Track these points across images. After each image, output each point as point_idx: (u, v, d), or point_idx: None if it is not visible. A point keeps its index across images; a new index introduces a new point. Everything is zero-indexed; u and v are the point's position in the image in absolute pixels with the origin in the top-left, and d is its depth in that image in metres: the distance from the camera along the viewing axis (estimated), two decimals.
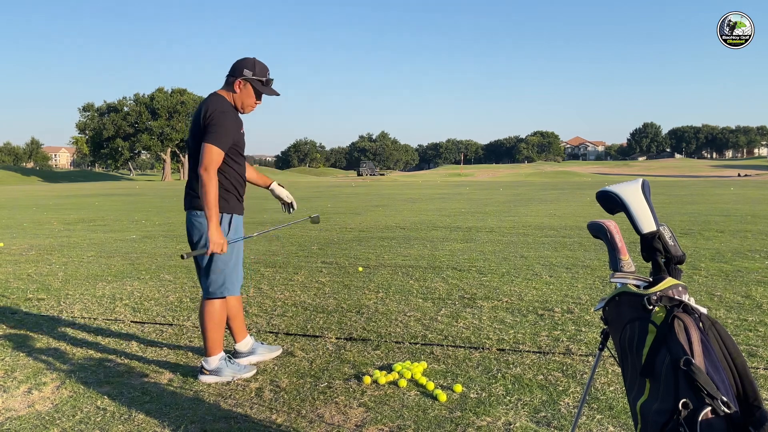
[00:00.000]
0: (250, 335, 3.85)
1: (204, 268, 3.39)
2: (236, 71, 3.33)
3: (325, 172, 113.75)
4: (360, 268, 6.92)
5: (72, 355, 3.90)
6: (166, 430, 2.79)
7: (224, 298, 3.45)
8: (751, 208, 15.48)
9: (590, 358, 3.66)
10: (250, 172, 3.69)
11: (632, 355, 1.64)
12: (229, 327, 3.67)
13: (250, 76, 3.32)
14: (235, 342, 3.73)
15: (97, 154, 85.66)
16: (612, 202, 1.81)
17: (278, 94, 3.47)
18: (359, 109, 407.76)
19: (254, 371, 3.51)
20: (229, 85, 3.36)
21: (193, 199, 3.34)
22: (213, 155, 3.17)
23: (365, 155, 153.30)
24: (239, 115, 3.42)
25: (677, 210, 15.55)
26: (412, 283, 6.07)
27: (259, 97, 3.41)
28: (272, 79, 3.43)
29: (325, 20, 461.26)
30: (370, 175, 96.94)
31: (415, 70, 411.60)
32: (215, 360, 3.42)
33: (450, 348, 3.92)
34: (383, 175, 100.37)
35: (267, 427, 2.81)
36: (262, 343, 3.88)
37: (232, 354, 3.70)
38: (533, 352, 3.81)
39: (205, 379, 3.39)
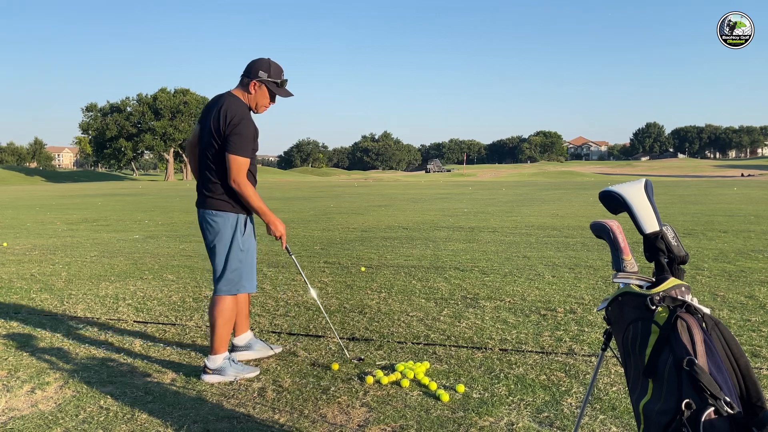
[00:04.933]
0: (251, 331, 3.86)
1: (221, 267, 3.40)
2: (251, 72, 3.35)
3: (328, 172, 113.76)
4: (362, 268, 6.92)
5: (75, 354, 3.91)
6: (169, 429, 2.79)
7: (236, 295, 3.47)
8: (755, 208, 15.44)
9: (593, 359, 3.65)
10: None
11: (635, 356, 1.63)
12: None
13: (266, 77, 3.34)
14: (234, 336, 3.74)
15: (100, 154, 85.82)
16: (615, 202, 1.80)
17: (292, 95, 3.50)
18: (362, 109, 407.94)
19: (257, 372, 3.51)
20: (244, 85, 3.38)
21: (206, 198, 3.37)
22: (239, 164, 3.26)
23: (368, 155, 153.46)
24: (253, 115, 3.45)
25: (680, 210, 15.51)
26: (415, 283, 6.07)
27: (273, 99, 3.44)
28: (286, 80, 3.45)
29: (328, 20, 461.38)
30: (437, 171, 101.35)
31: (418, 70, 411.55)
32: (220, 359, 3.42)
33: (452, 348, 3.91)
34: (449, 171, 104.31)
35: (269, 427, 2.81)
36: (261, 340, 3.88)
37: (230, 349, 3.71)
38: (536, 352, 3.80)
39: (208, 378, 3.39)
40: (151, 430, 2.80)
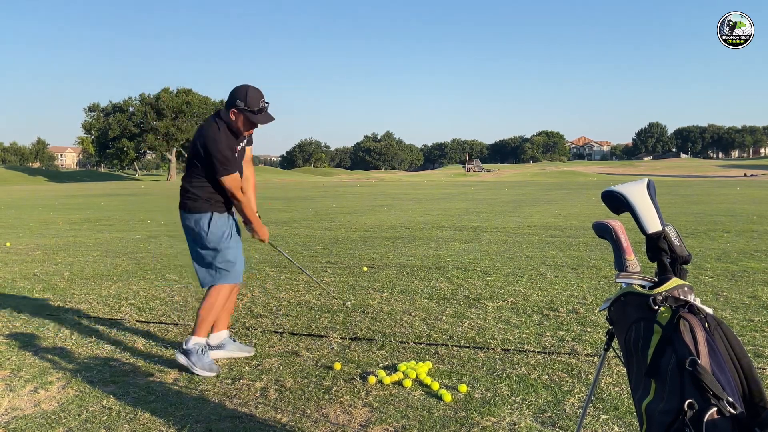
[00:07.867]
0: (229, 332, 3.88)
1: (206, 261, 3.64)
2: (230, 101, 3.48)
3: (330, 172, 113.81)
4: (365, 268, 6.92)
5: (78, 354, 3.91)
6: (172, 429, 2.80)
7: (232, 285, 3.62)
8: (757, 208, 15.42)
9: (595, 359, 3.65)
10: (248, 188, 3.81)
11: (637, 356, 1.63)
12: None
13: (243, 107, 3.44)
14: (211, 332, 3.76)
15: (102, 154, 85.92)
16: (617, 202, 1.80)
17: (273, 119, 3.57)
18: (364, 110, 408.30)
19: (214, 374, 3.49)
20: (225, 112, 3.51)
21: (183, 201, 3.66)
22: (227, 184, 3.48)
23: (370, 155, 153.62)
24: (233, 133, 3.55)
25: (683, 210, 15.49)
26: (417, 283, 6.06)
27: (252, 126, 3.54)
28: (267, 104, 3.52)
29: (329, 20, 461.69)
30: (477, 170, 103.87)
31: (420, 70, 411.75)
32: (193, 341, 3.52)
33: (455, 348, 3.91)
34: (489, 171, 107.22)
35: (272, 427, 2.81)
36: (235, 341, 3.88)
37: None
38: (538, 352, 3.80)
39: (177, 357, 3.52)
40: (153, 429, 2.80)
